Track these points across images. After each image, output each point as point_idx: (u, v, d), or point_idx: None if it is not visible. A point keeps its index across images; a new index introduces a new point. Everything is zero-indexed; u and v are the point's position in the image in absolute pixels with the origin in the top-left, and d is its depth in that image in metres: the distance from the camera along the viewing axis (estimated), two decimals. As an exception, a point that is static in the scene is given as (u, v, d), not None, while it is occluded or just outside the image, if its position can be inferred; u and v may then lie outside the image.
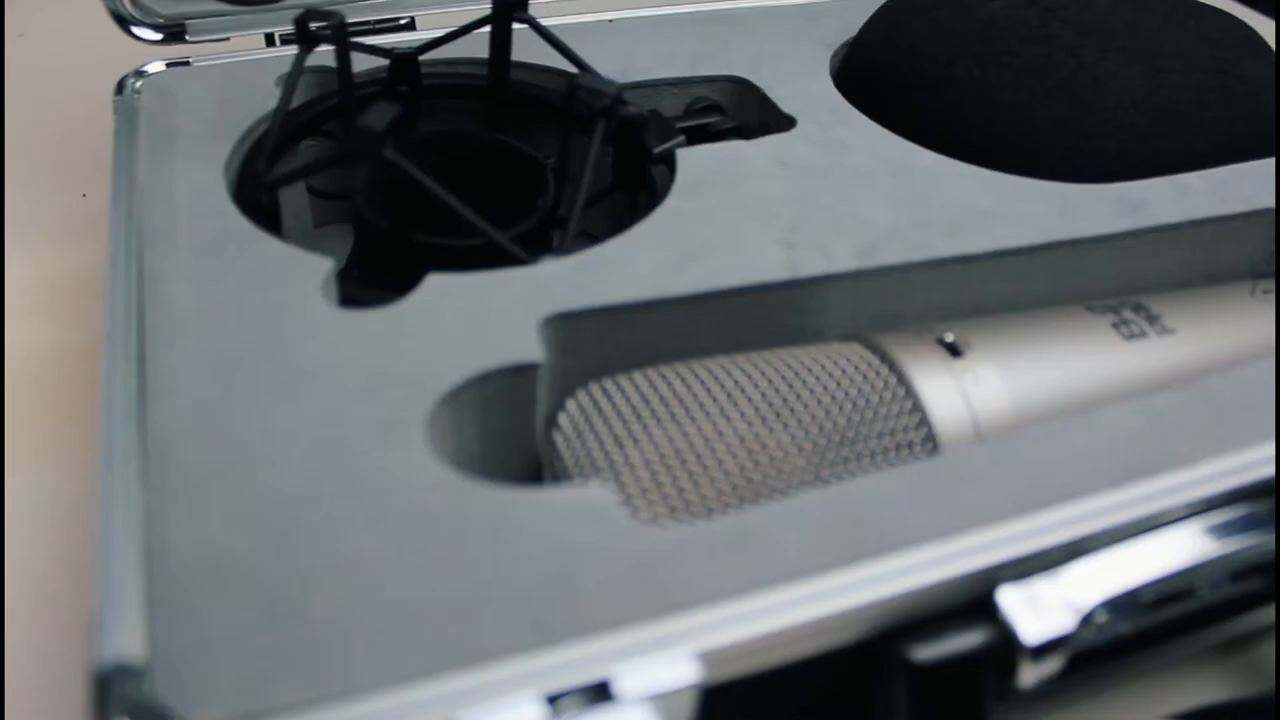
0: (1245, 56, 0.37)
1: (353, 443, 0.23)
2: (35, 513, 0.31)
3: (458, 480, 0.22)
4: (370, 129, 0.27)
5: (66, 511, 0.31)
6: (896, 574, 0.21)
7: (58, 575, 0.30)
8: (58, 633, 0.28)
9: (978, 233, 0.30)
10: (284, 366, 0.24)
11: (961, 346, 0.27)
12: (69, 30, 0.55)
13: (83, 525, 0.31)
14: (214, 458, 0.22)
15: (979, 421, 0.26)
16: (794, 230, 0.30)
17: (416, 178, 0.27)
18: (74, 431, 0.34)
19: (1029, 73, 0.35)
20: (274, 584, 0.20)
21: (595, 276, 0.27)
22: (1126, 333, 0.29)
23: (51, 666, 0.27)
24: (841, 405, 0.25)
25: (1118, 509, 0.22)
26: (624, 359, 0.28)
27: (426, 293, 0.27)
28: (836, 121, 0.35)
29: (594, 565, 0.20)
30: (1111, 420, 0.25)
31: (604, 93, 0.30)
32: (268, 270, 0.27)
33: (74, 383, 0.35)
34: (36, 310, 0.38)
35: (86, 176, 0.45)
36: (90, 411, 0.34)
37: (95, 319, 0.38)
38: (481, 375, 0.25)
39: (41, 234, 0.42)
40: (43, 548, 0.30)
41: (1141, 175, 0.34)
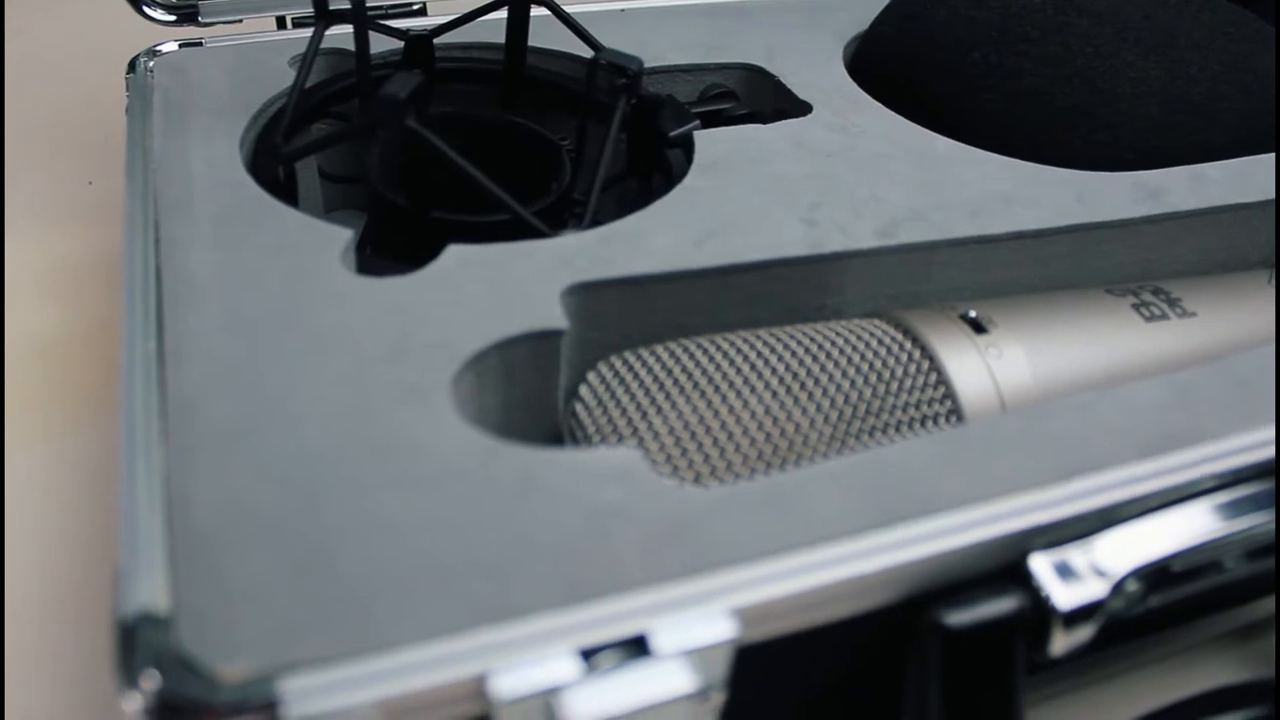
0: (1260, 50, 0.37)
1: (377, 404, 0.22)
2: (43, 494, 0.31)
3: (485, 440, 0.22)
4: (393, 96, 0.26)
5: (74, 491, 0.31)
6: (930, 537, 0.20)
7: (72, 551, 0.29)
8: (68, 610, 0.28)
9: (997, 215, 0.30)
10: (305, 331, 0.24)
11: (985, 323, 0.27)
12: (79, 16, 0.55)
13: (94, 502, 0.31)
14: (236, 417, 0.22)
15: (1004, 395, 0.25)
16: (814, 209, 0.30)
17: (438, 147, 0.27)
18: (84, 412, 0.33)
19: (1046, 61, 0.35)
20: (300, 539, 0.19)
21: (617, 249, 0.27)
22: (1148, 314, 0.29)
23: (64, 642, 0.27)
24: (867, 378, 0.25)
25: (1148, 478, 0.22)
26: (645, 332, 0.27)
27: (448, 261, 0.26)
28: (852, 108, 0.35)
29: (626, 524, 0.20)
30: (1137, 394, 0.25)
31: (625, 69, 0.30)
32: (287, 239, 0.27)
33: (83, 365, 0.35)
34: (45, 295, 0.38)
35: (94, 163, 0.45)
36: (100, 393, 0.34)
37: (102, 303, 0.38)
38: (505, 341, 0.24)
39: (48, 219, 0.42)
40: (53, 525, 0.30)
41: (1157, 165, 0.34)
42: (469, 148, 0.33)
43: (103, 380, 0.34)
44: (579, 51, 0.35)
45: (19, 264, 0.39)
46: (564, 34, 0.35)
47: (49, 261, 0.39)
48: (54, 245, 0.40)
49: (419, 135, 0.27)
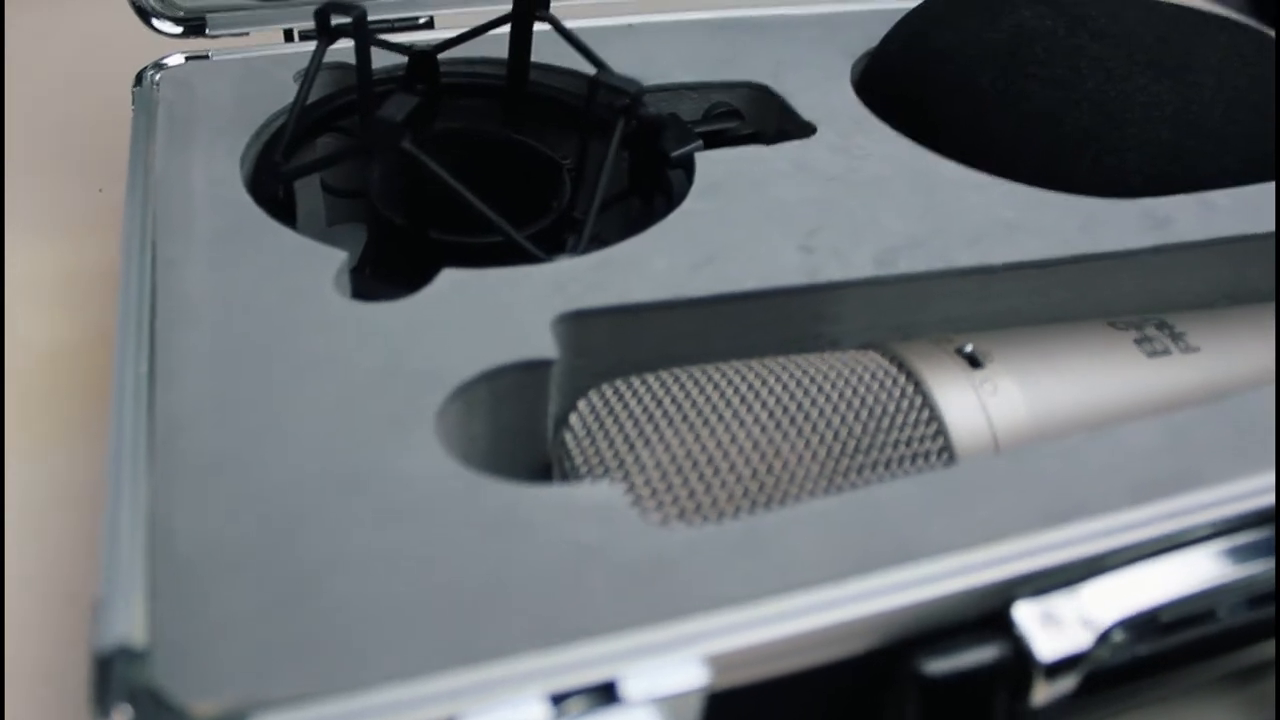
0: (1275, 74, 0.37)
1: (362, 435, 0.22)
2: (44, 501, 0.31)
3: (467, 475, 0.22)
4: (389, 119, 0.26)
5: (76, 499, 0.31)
6: (910, 584, 0.20)
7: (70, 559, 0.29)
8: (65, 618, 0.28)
9: (999, 243, 0.30)
10: (295, 356, 0.24)
11: (981, 357, 0.26)
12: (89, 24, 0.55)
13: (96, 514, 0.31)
14: (222, 446, 0.22)
15: (997, 433, 0.25)
16: (813, 235, 0.29)
17: (433, 170, 0.27)
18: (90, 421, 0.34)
19: (1055, 84, 0.34)
20: (278, 574, 0.20)
21: (611, 276, 0.27)
22: (1149, 349, 0.28)
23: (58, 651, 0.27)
24: (858, 413, 0.25)
25: (1137, 526, 0.22)
26: (637, 360, 0.27)
27: (441, 286, 0.26)
28: (857, 129, 0.35)
29: (603, 565, 0.20)
30: (1132, 436, 0.24)
31: (625, 91, 0.29)
32: (282, 260, 0.27)
33: (88, 374, 0.35)
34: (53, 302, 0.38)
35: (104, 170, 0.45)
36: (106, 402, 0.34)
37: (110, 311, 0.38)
38: (493, 371, 0.24)
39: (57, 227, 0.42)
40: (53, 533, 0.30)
41: (1169, 191, 0.34)
42: (470, 165, 0.33)
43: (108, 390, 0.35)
44: (585, 67, 0.35)
45: (29, 271, 0.39)
46: (570, 49, 0.35)
47: (58, 268, 0.40)
48: (63, 252, 0.40)
49: (414, 158, 0.27)
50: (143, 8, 0.36)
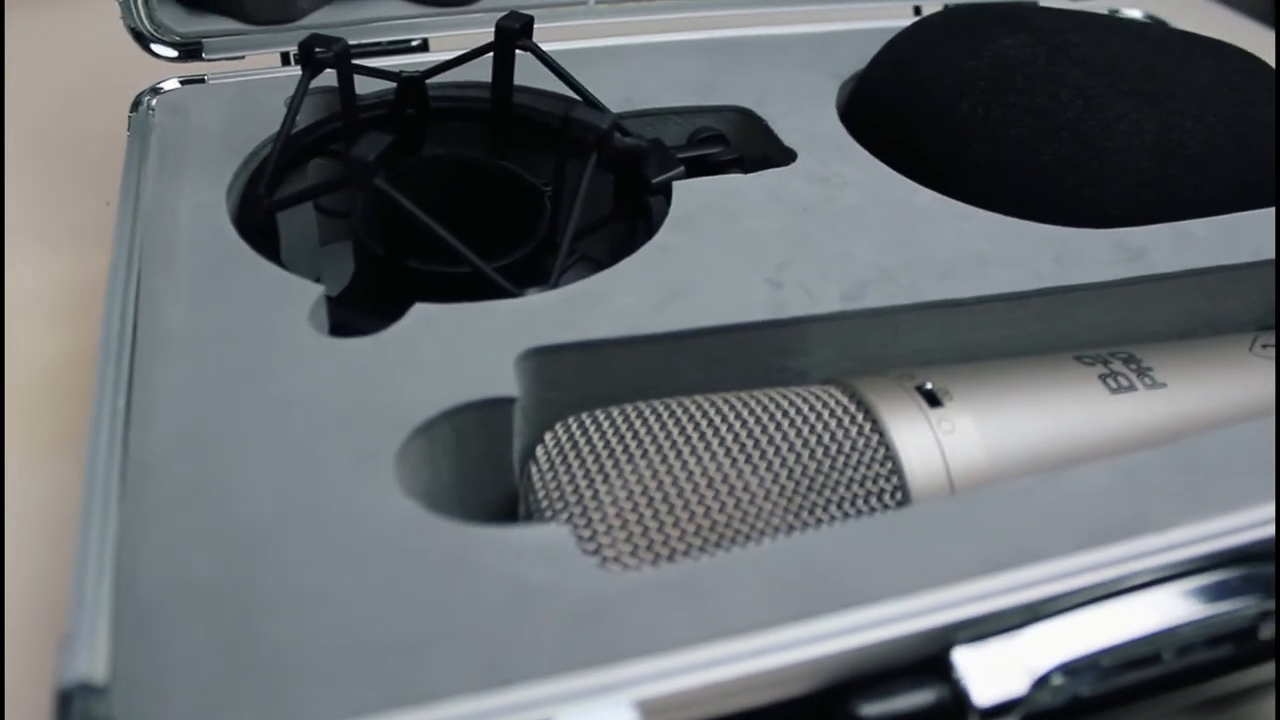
0: (1263, 99, 0.37)
1: (325, 473, 0.23)
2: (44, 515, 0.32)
3: (422, 515, 0.22)
4: (362, 158, 0.27)
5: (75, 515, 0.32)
6: (848, 630, 0.21)
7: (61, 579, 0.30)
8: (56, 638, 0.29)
9: (969, 277, 0.30)
10: (266, 393, 0.25)
11: (940, 395, 0.27)
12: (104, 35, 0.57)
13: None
14: (191, 483, 0.23)
15: (952, 474, 0.25)
16: (782, 269, 0.30)
17: (405, 207, 0.28)
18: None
19: (1034, 113, 0.34)
20: (235, 612, 0.20)
21: (578, 311, 0.28)
22: (1114, 385, 0.28)
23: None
24: (813, 451, 0.25)
25: (1080, 572, 0.22)
26: (605, 393, 0.28)
27: (411, 322, 0.27)
28: (837, 157, 0.35)
29: (547, 606, 0.21)
30: (1084, 479, 0.24)
31: (596, 126, 0.30)
32: (260, 295, 0.28)
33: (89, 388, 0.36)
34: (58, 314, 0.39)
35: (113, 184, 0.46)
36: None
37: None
38: (455, 409, 0.25)
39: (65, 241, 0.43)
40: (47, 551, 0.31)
41: (1148, 220, 0.34)
42: (453, 192, 0.34)
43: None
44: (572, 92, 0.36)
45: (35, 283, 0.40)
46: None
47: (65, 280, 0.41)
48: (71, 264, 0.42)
49: (387, 195, 0.28)
50: (140, 32, 0.37)
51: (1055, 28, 0.36)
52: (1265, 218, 0.34)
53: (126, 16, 0.36)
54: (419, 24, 0.40)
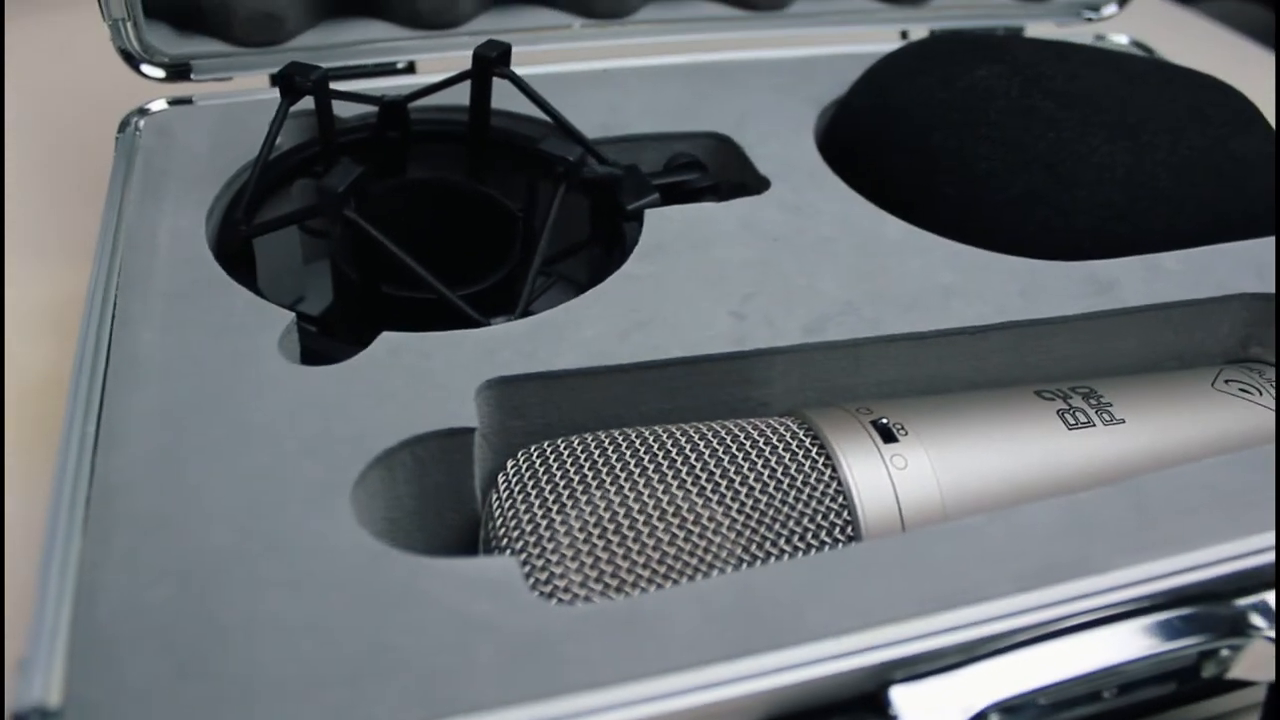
0: (1238, 132, 0.37)
1: (284, 502, 0.24)
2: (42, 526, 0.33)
3: (375, 546, 0.23)
4: (331, 190, 0.28)
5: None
6: (786, 667, 0.21)
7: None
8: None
9: (933, 310, 0.31)
10: (231, 421, 0.26)
11: (895, 430, 0.27)
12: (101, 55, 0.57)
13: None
14: (154, 509, 0.23)
15: (904, 510, 0.26)
16: (747, 301, 0.30)
17: (374, 236, 0.28)
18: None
19: (1006, 145, 0.35)
20: (189, 639, 0.21)
21: (542, 342, 0.28)
22: (1072, 421, 0.29)
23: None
24: (765, 485, 0.26)
25: (1019, 613, 0.22)
26: (569, 422, 0.28)
27: (378, 351, 0.28)
28: (811, 185, 0.36)
29: (490, 640, 0.21)
30: (1032, 518, 0.25)
31: (564, 157, 0.30)
32: (232, 321, 0.28)
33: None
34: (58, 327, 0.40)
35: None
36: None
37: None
38: (415, 438, 0.25)
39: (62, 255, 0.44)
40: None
41: (1120, 252, 0.34)
42: (431, 215, 0.35)
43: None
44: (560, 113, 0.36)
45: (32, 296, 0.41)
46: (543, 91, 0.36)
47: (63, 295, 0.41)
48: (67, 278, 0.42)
49: (357, 225, 0.28)
50: (129, 54, 0.37)
51: (1032, 59, 0.37)
52: (1235, 251, 0.34)
53: (116, 38, 0.37)
54: (405, 46, 0.41)
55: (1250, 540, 0.25)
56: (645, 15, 0.42)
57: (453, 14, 0.40)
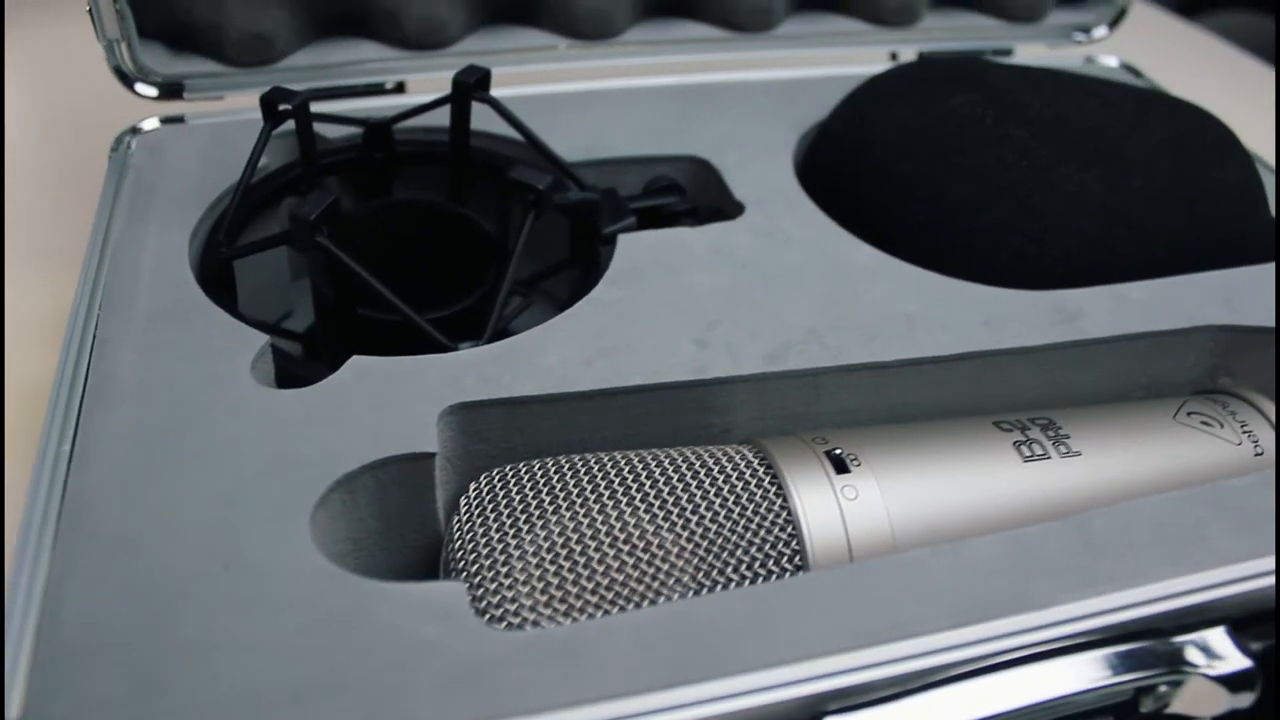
0: (1214, 161, 0.37)
1: (244, 524, 0.24)
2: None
3: (329, 569, 0.24)
4: (303, 217, 0.29)
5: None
6: (719, 697, 0.22)
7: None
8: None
9: (896, 339, 0.31)
10: (200, 443, 0.26)
11: (849, 460, 0.27)
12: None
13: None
14: (120, 530, 0.24)
15: (852, 542, 0.26)
16: (711, 328, 0.31)
17: (345, 263, 0.29)
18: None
19: (977, 174, 0.35)
20: (144, 659, 0.22)
21: (507, 367, 0.29)
22: (1028, 453, 0.29)
23: None
24: (716, 513, 0.26)
25: (954, 647, 0.23)
26: (532, 446, 0.29)
27: (346, 375, 0.28)
28: (785, 211, 0.36)
29: (432, 664, 0.22)
30: (976, 552, 0.25)
31: (534, 186, 0.31)
32: (208, 343, 0.29)
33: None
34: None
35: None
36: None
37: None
38: (376, 462, 0.26)
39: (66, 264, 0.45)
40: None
41: (1091, 282, 0.34)
42: (409, 236, 0.35)
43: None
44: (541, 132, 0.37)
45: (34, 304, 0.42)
46: (523, 113, 0.36)
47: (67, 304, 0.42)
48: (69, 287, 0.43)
49: (329, 251, 0.29)
50: (124, 73, 0.38)
51: (1008, 86, 0.37)
52: (1204, 282, 0.34)
53: (110, 58, 0.38)
54: (394, 67, 0.41)
55: (1193, 578, 0.25)
56: (631, 36, 0.43)
57: (441, 35, 0.41)
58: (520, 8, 0.42)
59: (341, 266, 0.30)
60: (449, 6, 0.41)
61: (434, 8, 0.41)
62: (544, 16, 0.42)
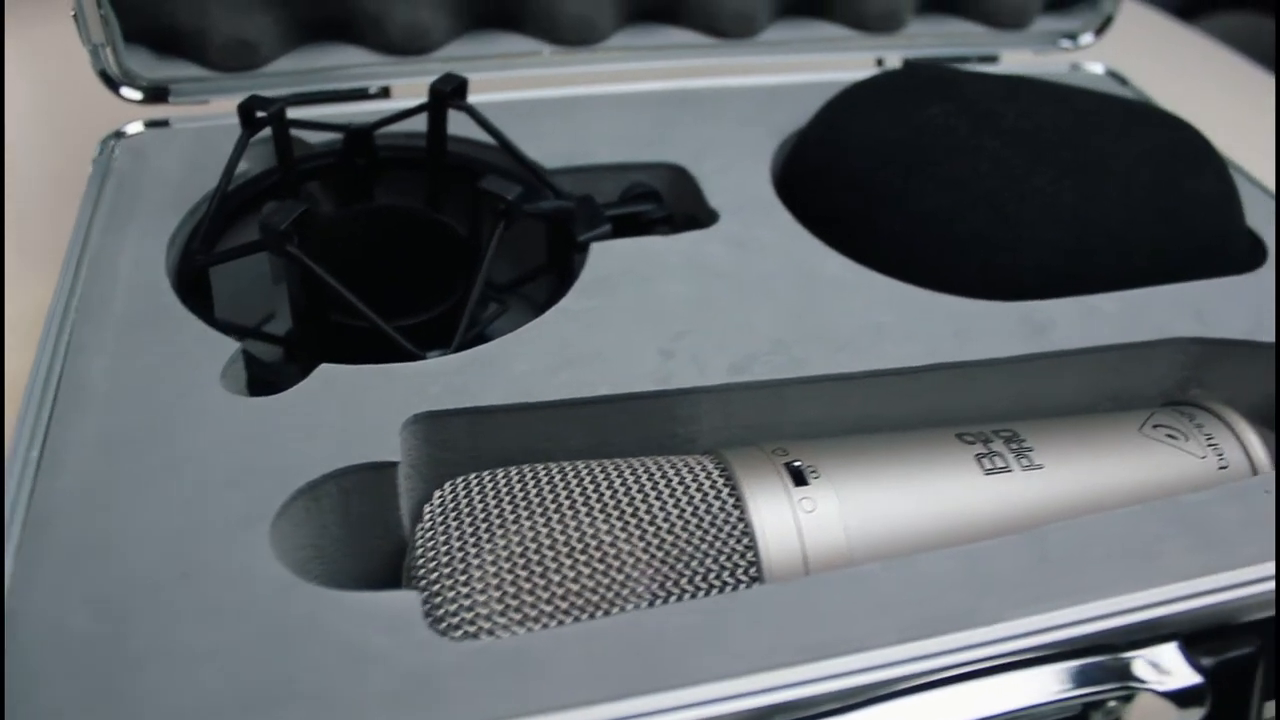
0: (1191, 171, 0.37)
1: (205, 532, 0.25)
2: None
3: (285, 577, 0.24)
4: (273, 227, 0.29)
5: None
6: (664, 710, 0.22)
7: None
8: None
9: (863, 350, 0.31)
10: (168, 451, 0.27)
11: (807, 473, 0.28)
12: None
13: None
14: (85, 537, 0.25)
15: (808, 554, 0.26)
16: (678, 339, 0.31)
17: (315, 272, 0.29)
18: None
19: (951, 184, 0.35)
20: (103, 666, 0.22)
21: (473, 377, 0.29)
22: (989, 465, 0.29)
23: None
24: (674, 524, 0.26)
25: (900, 662, 0.23)
26: (498, 454, 0.29)
27: (314, 383, 0.29)
28: (759, 219, 0.36)
29: (382, 674, 0.22)
30: (930, 567, 0.25)
31: (503, 196, 0.31)
32: (180, 351, 0.30)
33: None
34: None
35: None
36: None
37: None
38: (339, 471, 0.27)
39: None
40: None
41: (1064, 293, 0.34)
42: (384, 243, 0.36)
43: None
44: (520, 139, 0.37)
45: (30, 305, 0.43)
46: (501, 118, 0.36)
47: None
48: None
49: (299, 260, 0.29)
50: (109, 77, 0.39)
51: (984, 96, 0.37)
52: (1176, 293, 0.34)
53: (96, 61, 0.38)
54: (379, 71, 0.42)
55: (1146, 593, 0.25)
56: (615, 42, 0.43)
57: (424, 41, 0.41)
58: (504, 14, 0.42)
59: (312, 274, 0.30)
60: (433, 12, 0.41)
61: (418, 14, 0.41)
62: (528, 22, 0.42)
